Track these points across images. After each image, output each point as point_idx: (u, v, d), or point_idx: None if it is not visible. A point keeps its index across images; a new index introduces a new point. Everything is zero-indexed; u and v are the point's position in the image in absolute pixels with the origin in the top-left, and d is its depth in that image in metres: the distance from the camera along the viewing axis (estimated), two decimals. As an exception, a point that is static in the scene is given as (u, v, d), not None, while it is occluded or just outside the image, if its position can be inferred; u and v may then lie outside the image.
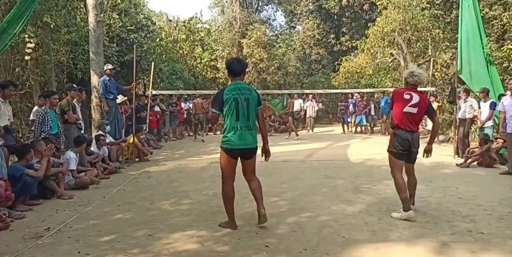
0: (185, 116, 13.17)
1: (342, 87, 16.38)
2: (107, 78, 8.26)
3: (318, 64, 20.97)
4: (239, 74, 3.70)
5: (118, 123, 8.44)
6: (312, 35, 19.88)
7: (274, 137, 13.03)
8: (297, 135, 12.89)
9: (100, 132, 7.59)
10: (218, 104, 3.58)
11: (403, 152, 4.02)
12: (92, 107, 9.49)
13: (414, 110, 3.94)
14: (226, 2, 21.58)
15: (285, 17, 24.02)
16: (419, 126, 4.62)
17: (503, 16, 10.92)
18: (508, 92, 6.61)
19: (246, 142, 3.61)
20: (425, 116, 4.29)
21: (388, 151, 4.11)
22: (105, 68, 8.41)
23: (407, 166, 4.17)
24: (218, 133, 13.33)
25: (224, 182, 3.73)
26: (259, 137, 3.79)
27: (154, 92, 11.31)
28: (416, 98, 3.94)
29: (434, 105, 10.90)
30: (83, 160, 6.17)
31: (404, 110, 3.94)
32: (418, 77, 4.01)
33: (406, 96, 3.95)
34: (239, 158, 3.74)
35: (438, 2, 13.29)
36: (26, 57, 9.45)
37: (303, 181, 5.93)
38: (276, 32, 23.53)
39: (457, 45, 9.66)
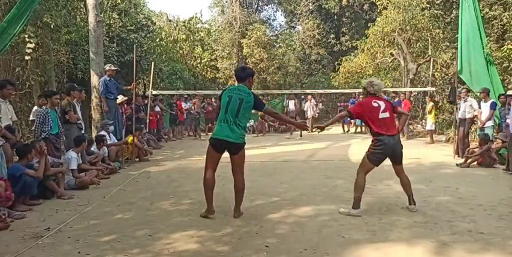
0: (185, 116, 13.18)
1: (342, 87, 16.37)
2: (107, 78, 8.26)
3: (318, 64, 20.97)
4: (243, 80, 4.11)
5: (118, 124, 8.45)
6: (312, 35, 19.87)
7: (275, 137, 13.04)
8: (291, 134, 12.94)
9: (101, 132, 7.60)
10: (219, 97, 4.15)
11: (382, 158, 4.13)
12: (92, 107, 9.50)
13: (387, 115, 4.12)
14: (226, 2, 21.57)
15: (285, 17, 24.04)
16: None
17: (503, 16, 10.92)
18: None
19: (228, 134, 3.89)
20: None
21: (366, 153, 4.21)
22: (107, 68, 8.40)
23: (395, 167, 4.27)
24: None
25: (205, 170, 4.06)
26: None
27: (154, 92, 11.30)
28: (382, 104, 4.14)
29: (429, 105, 10.94)
30: (84, 159, 6.18)
31: (380, 116, 4.09)
32: (378, 87, 4.25)
33: (375, 105, 4.12)
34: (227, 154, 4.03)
35: (438, 2, 13.30)
36: (26, 57, 9.45)
37: (304, 181, 5.93)
38: (276, 32, 23.52)
39: (457, 45, 9.67)
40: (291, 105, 15.47)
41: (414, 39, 13.43)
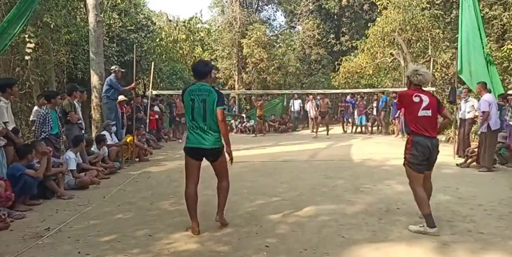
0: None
1: (342, 87, 16.38)
2: (114, 79, 8.27)
3: (318, 64, 20.96)
4: (205, 76, 3.70)
5: (118, 124, 8.44)
6: (312, 35, 19.86)
7: (275, 137, 13.03)
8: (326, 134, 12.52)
9: (102, 132, 7.59)
10: (182, 97, 3.78)
11: (423, 163, 3.61)
12: (92, 107, 9.50)
13: (429, 113, 3.57)
14: (226, 2, 21.56)
15: (285, 17, 24.02)
16: None
17: (503, 16, 10.93)
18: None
19: (201, 141, 3.59)
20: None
21: (405, 164, 3.68)
22: (115, 68, 8.43)
23: (425, 172, 3.80)
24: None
25: (186, 183, 3.76)
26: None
27: (154, 92, 11.29)
28: (426, 100, 3.58)
29: None
30: (84, 159, 6.18)
31: (419, 114, 3.56)
32: (423, 76, 3.66)
33: (416, 99, 3.58)
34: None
35: (438, 2, 13.30)
36: (26, 57, 9.45)
37: (304, 181, 5.93)
38: (276, 32, 23.50)
39: (457, 45, 9.66)
40: (296, 105, 15.49)
41: (414, 39, 13.43)
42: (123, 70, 8.45)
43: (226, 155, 3.74)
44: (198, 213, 4.21)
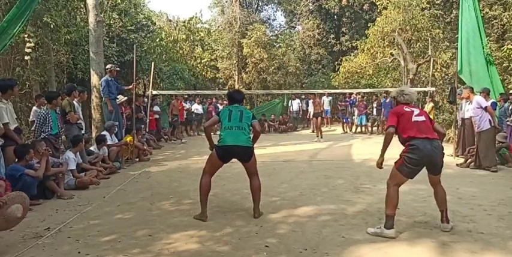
0: (185, 116, 13.18)
1: (342, 87, 16.39)
2: (109, 78, 8.25)
3: (318, 64, 20.98)
4: (238, 101, 4.36)
5: (119, 124, 8.44)
6: (312, 35, 19.87)
7: (276, 137, 13.03)
8: (321, 137, 11.52)
9: (102, 132, 7.57)
10: (217, 113, 4.39)
11: (418, 168, 3.52)
12: (92, 107, 9.50)
13: (422, 118, 3.59)
14: (226, 2, 21.59)
15: (285, 17, 24.05)
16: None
17: (503, 16, 10.94)
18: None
19: (237, 139, 3.97)
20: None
21: (396, 162, 3.59)
22: (110, 67, 8.38)
23: (430, 177, 3.69)
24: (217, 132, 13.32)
25: (202, 174, 4.13)
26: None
27: (154, 92, 11.29)
28: (416, 110, 3.67)
29: (429, 105, 10.94)
30: (84, 159, 6.18)
31: (413, 119, 3.56)
32: (410, 96, 3.73)
33: (407, 109, 3.63)
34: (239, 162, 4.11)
35: (438, 2, 13.33)
36: (26, 57, 9.45)
37: (303, 181, 5.93)
38: (276, 32, 23.53)
39: (457, 45, 9.67)
40: (295, 105, 15.52)
41: (414, 39, 13.46)
42: (117, 69, 8.41)
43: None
44: (197, 213, 4.22)
